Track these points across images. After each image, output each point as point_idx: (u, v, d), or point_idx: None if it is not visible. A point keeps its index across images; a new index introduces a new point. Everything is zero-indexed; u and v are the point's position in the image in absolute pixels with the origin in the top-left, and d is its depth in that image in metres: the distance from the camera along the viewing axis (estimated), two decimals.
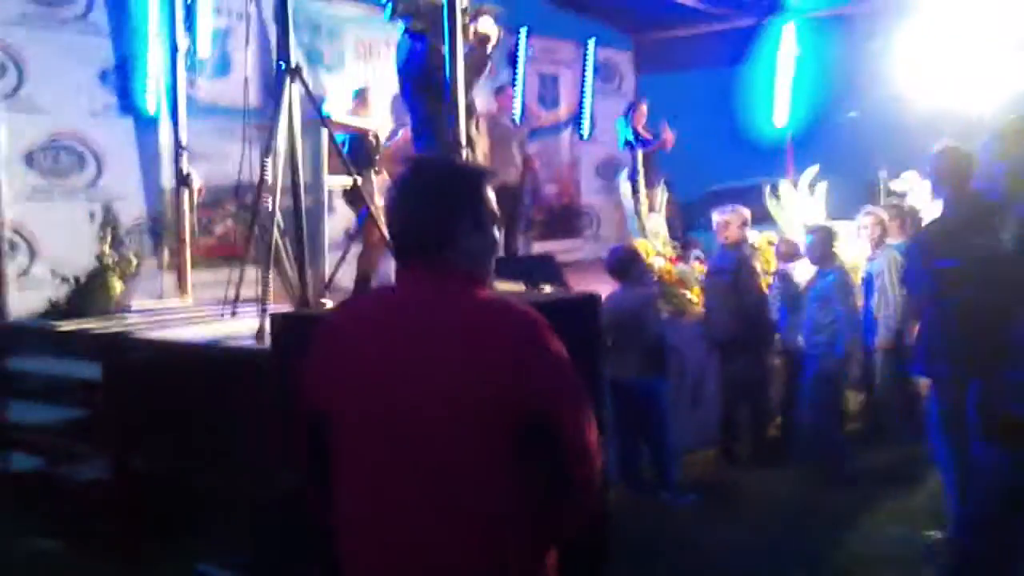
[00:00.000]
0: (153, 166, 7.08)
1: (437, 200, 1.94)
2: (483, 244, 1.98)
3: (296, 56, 4.66)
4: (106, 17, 7.11)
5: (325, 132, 5.74)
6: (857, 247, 6.44)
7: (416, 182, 2.00)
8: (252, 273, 4.80)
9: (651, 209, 6.44)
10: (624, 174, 6.66)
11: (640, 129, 9.00)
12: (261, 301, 4.35)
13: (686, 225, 9.48)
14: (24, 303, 5.98)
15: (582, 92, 11.18)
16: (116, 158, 7.08)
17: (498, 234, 2.05)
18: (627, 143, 8.96)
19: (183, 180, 6.44)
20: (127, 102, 7.16)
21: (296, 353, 2.44)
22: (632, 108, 9.22)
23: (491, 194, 2.00)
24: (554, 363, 1.89)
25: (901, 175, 8.43)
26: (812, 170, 7.84)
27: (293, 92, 4.49)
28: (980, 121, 9.81)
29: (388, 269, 6.01)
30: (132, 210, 7.14)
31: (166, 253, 6.93)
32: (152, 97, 7.10)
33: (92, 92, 7.03)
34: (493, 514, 1.84)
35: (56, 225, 6.37)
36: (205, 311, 5.48)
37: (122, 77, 7.15)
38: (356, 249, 6.41)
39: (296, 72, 4.48)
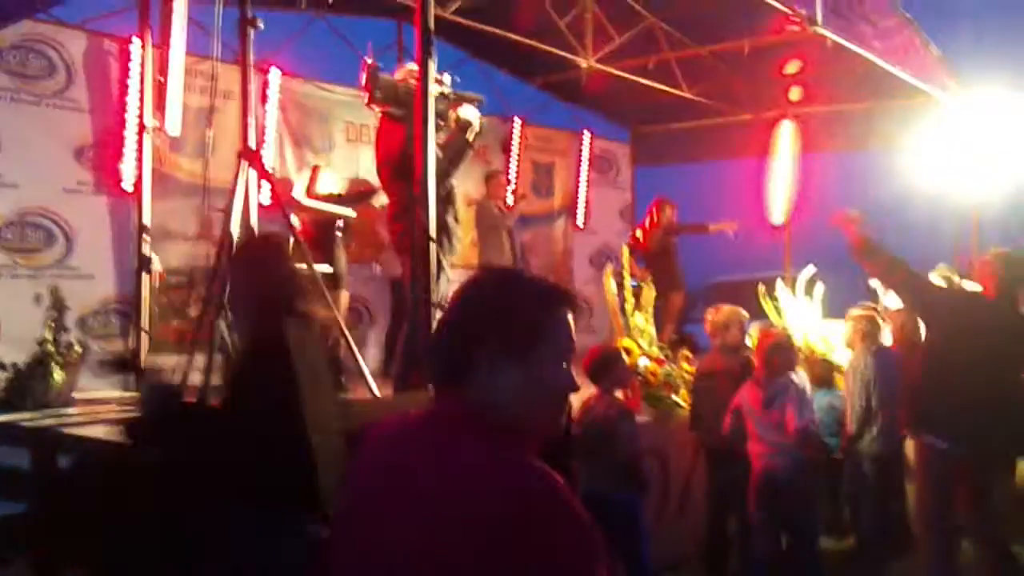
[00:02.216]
0: (125, 246, 6.82)
1: (457, 317, 1.59)
2: (517, 381, 1.52)
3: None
4: (85, 94, 6.99)
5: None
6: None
7: (457, 294, 1.64)
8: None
9: (637, 307, 6.12)
10: (609, 269, 6.36)
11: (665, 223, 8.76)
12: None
13: (682, 318, 9.14)
14: None
15: (578, 182, 11.06)
16: (87, 236, 6.87)
17: (562, 375, 1.58)
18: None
19: (143, 264, 6.12)
20: (102, 179, 6.98)
21: None
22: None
23: (560, 320, 1.57)
24: (554, 551, 1.41)
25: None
26: (808, 270, 7.47)
27: (248, 174, 4.24)
28: (979, 215, 9.71)
29: None
30: (102, 291, 6.92)
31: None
32: (127, 176, 6.91)
33: (66, 168, 6.86)
34: None
35: (18, 304, 6.07)
36: None
37: (98, 154, 6.98)
38: None
39: (248, 151, 4.24)
